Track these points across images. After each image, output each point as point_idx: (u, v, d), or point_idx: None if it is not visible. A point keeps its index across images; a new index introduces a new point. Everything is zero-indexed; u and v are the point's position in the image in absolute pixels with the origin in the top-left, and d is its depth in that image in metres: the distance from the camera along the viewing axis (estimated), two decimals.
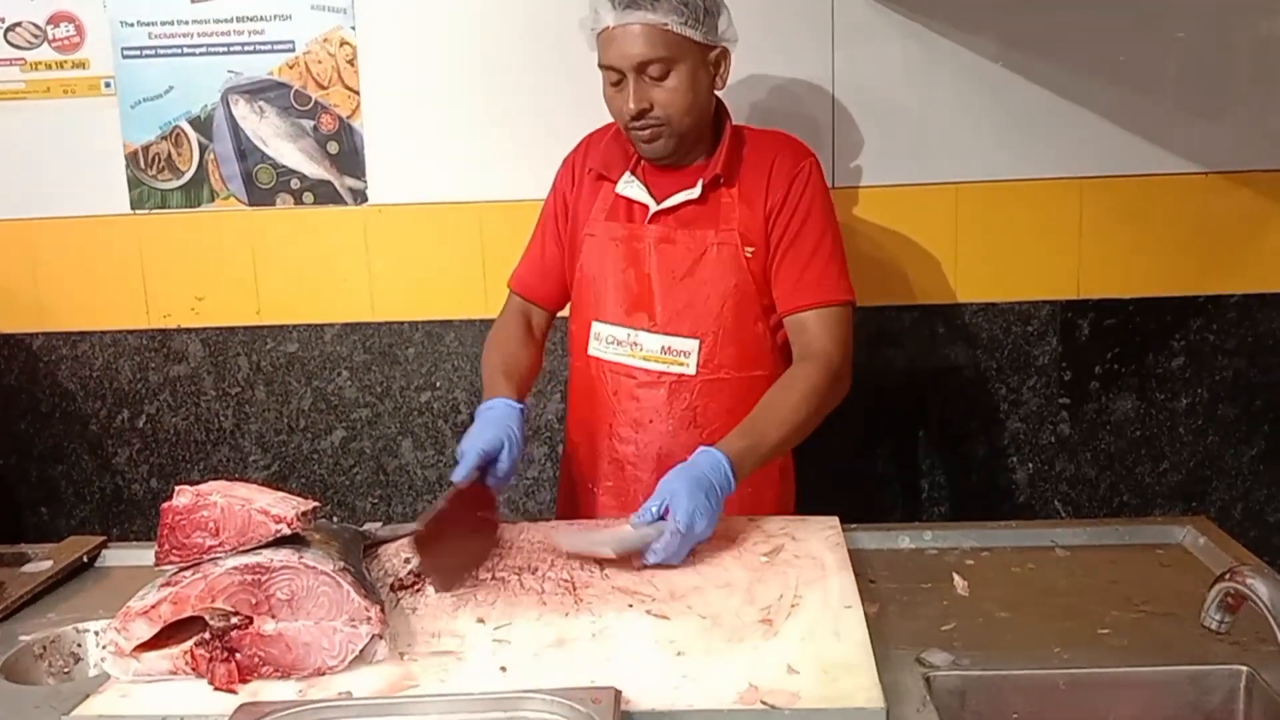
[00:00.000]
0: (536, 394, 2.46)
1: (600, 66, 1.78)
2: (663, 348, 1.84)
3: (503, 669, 1.30)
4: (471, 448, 1.65)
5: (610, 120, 1.87)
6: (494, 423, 1.71)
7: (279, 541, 1.34)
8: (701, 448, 1.63)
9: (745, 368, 1.84)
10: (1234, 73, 2.32)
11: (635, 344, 1.85)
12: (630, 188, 1.86)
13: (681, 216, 1.84)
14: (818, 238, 1.82)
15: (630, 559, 1.55)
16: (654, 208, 1.84)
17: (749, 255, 1.82)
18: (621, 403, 1.87)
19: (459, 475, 1.64)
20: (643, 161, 1.86)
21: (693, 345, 1.83)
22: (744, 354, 1.85)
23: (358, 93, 2.40)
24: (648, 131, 1.77)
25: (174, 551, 1.34)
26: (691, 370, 1.84)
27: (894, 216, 2.38)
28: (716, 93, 1.84)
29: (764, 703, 1.21)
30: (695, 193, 1.82)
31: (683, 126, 1.77)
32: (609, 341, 1.87)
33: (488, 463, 1.66)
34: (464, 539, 1.58)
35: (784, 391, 1.75)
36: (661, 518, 1.55)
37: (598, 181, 1.90)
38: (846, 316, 1.83)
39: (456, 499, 1.60)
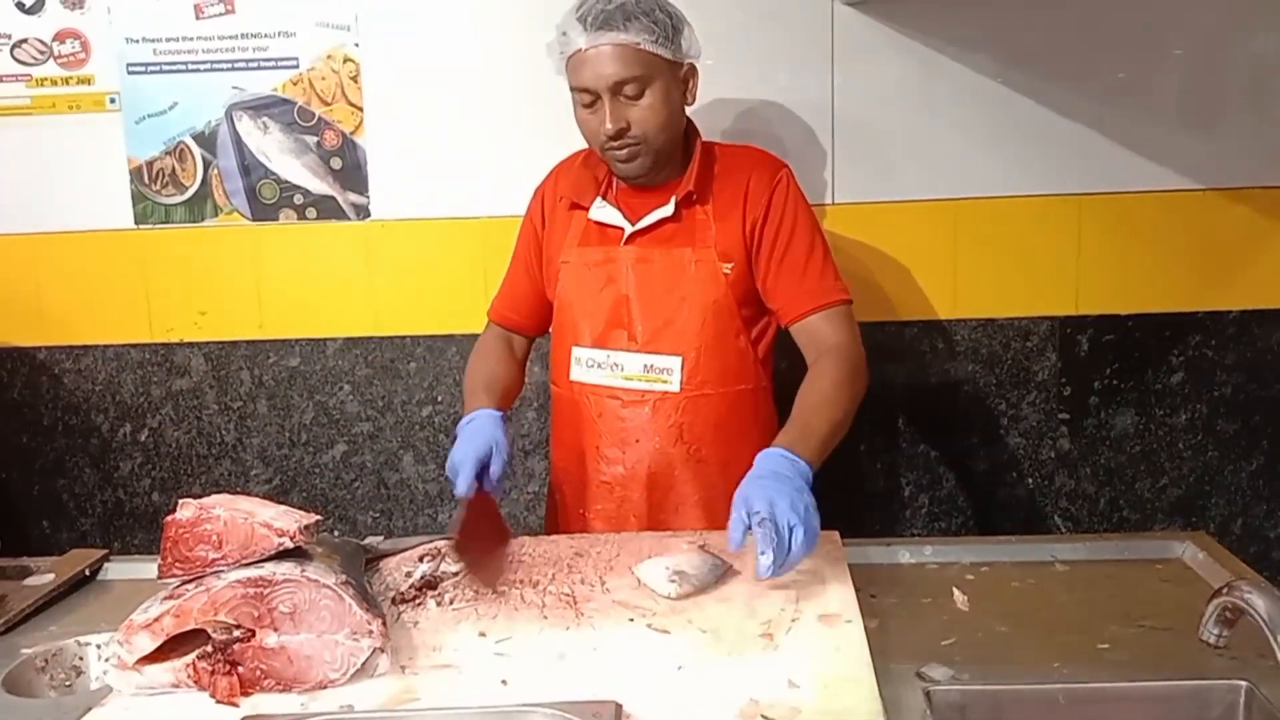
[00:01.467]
0: (538, 409, 2.47)
1: (573, 89, 1.78)
2: (645, 366, 1.85)
3: (504, 682, 1.31)
4: (465, 458, 1.69)
5: (579, 148, 1.89)
6: (478, 433, 1.75)
7: (281, 555, 1.35)
8: (760, 453, 1.59)
9: (729, 383, 1.85)
10: (1231, 89, 2.33)
11: (616, 365, 1.86)
12: (603, 212, 1.87)
13: (657, 236, 1.85)
14: (809, 245, 1.84)
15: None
16: (629, 229, 1.85)
17: (727, 272, 1.83)
18: (606, 424, 1.88)
19: (462, 489, 1.66)
20: (615, 185, 1.88)
21: (675, 362, 1.84)
22: (726, 369, 1.85)
23: (361, 109, 2.41)
24: (625, 151, 1.78)
25: (177, 564, 1.34)
26: (675, 387, 1.84)
27: (893, 233, 2.39)
28: (688, 111, 1.86)
29: (764, 717, 1.21)
30: (669, 210, 1.83)
31: (659, 144, 1.79)
32: (589, 365, 1.88)
33: (480, 471, 1.70)
34: (490, 541, 1.65)
35: (815, 382, 1.74)
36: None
37: (570, 210, 1.91)
38: (849, 313, 1.85)
39: (470, 509, 1.65)
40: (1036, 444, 2.47)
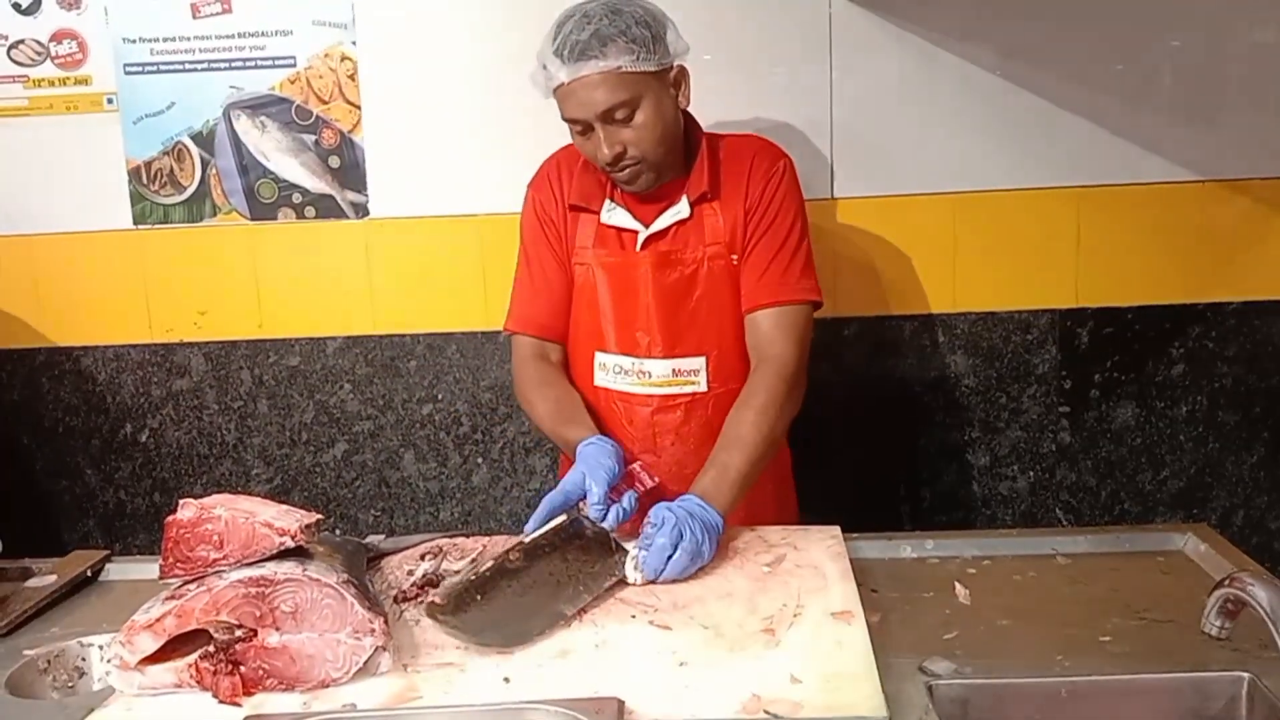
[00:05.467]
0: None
1: (564, 119, 1.76)
2: (673, 370, 1.84)
3: (506, 680, 1.31)
4: (548, 499, 1.64)
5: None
6: (577, 464, 1.68)
7: (282, 554, 1.35)
8: (680, 497, 1.64)
9: (749, 374, 1.82)
10: (1230, 81, 2.33)
11: (644, 372, 1.84)
12: (615, 214, 1.85)
13: (671, 236, 1.84)
14: (784, 237, 1.82)
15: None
16: (644, 232, 1.83)
17: (735, 262, 1.83)
18: (638, 430, 1.86)
19: (529, 528, 1.62)
20: (619, 186, 1.86)
21: (700, 363, 1.83)
22: (745, 361, 1.85)
23: (359, 107, 2.41)
24: (627, 172, 1.76)
25: (178, 565, 1.34)
26: (703, 387, 1.84)
27: (893, 226, 2.39)
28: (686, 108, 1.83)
29: (767, 712, 1.21)
30: (684, 212, 1.82)
31: (659, 157, 1.76)
32: (616, 371, 1.86)
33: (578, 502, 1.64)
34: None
35: (740, 411, 1.75)
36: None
37: (575, 213, 1.88)
38: (803, 316, 1.82)
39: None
40: (1037, 437, 2.47)
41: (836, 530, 1.70)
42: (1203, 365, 2.43)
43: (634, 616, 1.46)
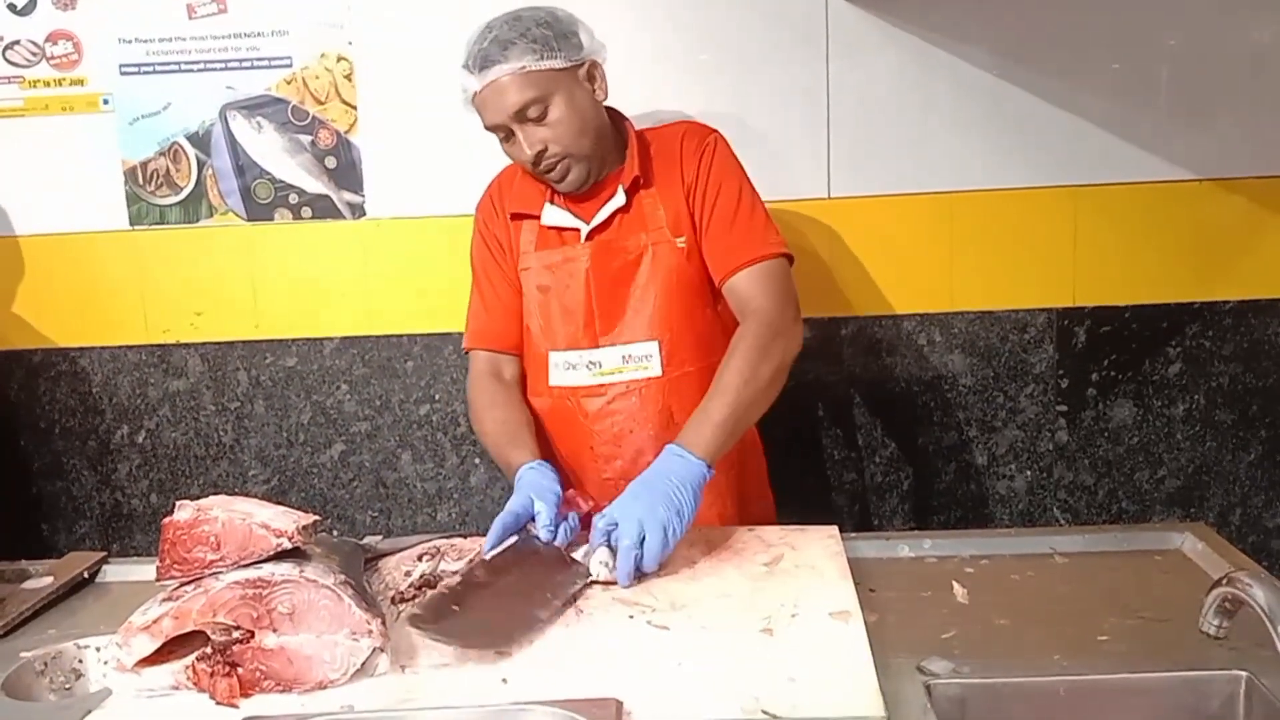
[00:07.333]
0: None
1: (486, 129, 1.80)
2: (624, 357, 1.85)
3: (504, 681, 1.31)
4: (497, 520, 1.61)
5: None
6: (521, 488, 1.68)
7: (280, 556, 1.35)
8: (663, 449, 1.65)
9: (706, 356, 1.85)
10: (1226, 80, 2.33)
11: (594, 362, 1.86)
12: (554, 215, 1.87)
13: (613, 228, 1.86)
14: (734, 202, 1.83)
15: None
16: (585, 229, 1.85)
17: (682, 246, 1.84)
18: (598, 422, 1.87)
19: (486, 548, 1.60)
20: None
21: (652, 347, 1.85)
22: (701, 343, 1.86)
23: (355, 108, 2.41)
24: (556, 170, 1.79)
25: (175, 566, 1.34)
26: (658, 371, 1.85)
27: (890, 226, 2.39)
28: (608, 104, 1.85)
29: (765, 712, 1.21)
30: (620, 200, 1.84)
31: (583, 150, 1.79)
32: (568, 367, 1.88)
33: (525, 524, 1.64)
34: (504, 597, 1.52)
35: (725, 362, 1.74)
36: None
37: (517, 222, 1.91)
38: (780, 269, 1.83)
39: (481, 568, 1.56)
40: (1034, 436, 2.47)
41: (834, 530, 1.70)
42: (1200, 364, 2.43)
43: (632, 617, 1.46)
